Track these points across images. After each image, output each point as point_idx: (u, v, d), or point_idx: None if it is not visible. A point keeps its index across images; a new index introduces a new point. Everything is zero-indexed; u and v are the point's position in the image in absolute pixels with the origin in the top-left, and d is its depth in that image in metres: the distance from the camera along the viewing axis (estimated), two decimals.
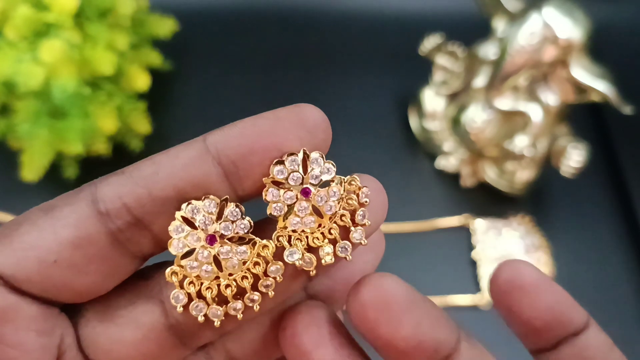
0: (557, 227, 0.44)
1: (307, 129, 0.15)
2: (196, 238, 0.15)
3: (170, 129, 0.45)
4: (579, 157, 0.39)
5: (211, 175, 0.15)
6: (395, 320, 0.15)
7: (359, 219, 0.16)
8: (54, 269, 0.14)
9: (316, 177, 0.15)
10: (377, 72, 0.50)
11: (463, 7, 0.51)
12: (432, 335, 0.15)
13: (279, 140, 0.15)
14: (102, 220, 0.14)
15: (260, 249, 0.15)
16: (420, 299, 0.15)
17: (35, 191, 0.40)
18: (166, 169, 0.15)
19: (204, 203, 0.15)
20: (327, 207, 0.15)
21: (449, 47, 0.44)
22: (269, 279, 0.15)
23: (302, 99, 0.53)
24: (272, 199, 0.15)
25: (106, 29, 0.37)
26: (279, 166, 0.15)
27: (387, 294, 0.15)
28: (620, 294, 0.41)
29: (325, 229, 0.16)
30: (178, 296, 0.15)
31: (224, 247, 0.15)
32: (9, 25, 0.34)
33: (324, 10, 0.52)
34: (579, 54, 0.37)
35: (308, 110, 0.15)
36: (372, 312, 0.15)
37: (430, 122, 0.45)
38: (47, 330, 0.15)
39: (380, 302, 0.15)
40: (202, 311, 0.15)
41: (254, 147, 0.15)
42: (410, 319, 0.15)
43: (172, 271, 0.15)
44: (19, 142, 0.38)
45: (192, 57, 0.49)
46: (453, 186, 0.45)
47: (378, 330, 0.15)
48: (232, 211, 0.15)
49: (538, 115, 0.40)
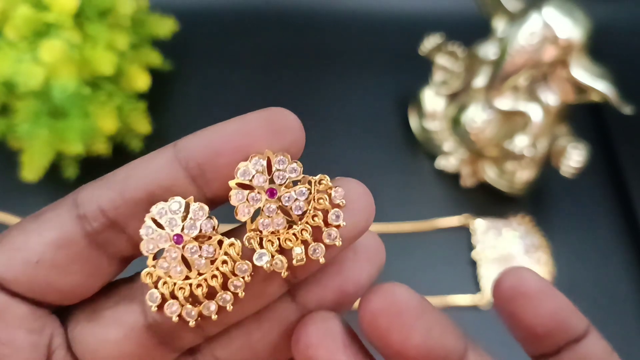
0: (557, 227, 0.44)
1: (275, 131, 0.15)
2: (164, 238, 0.15)
3: (170, 129, 0.45)
4: (579, 157, 0.39)
5: (179, 179, 0.15)
6: (406, 328, 0.15)
7: (332, 219, 0.15)
8: (38, 269, 0.15)
9: (282, 178, 0.15)
10: (377, 72, 0.50)
11: (463, 7, 0.51)
12: (441, 343, 0.15)
13: (245, 142, 0.15)
14: (81, 223, 0.15)
15: (227, 247, 0.15)
16: (430, 308, 0.16)
17: (35, 191, 0.40)
18: (138, 172, 0.15)
19: (169, 204, 0.15)
20: (295, 207, 0.15)
21: (449, 47, 0.44)
22: (238, 278, 0.16)
23: (302, 99, 0.54)
24: (238, 201, 0.15)
25: (106, 29, 0.37)
26: (242, 168, 0.15)
27: (398, 302, 0.15)
28: (620, 294, 0.41)
29: (297, 230, 0.15)
30: (152, 295, 0.16)
31: (189, 245, 0.15)
32: (9, 25, 0.34)
33: (324, 10, 0.52)
34: (579, 54, 0.37)
35: (277, 112, 0.15)
36: (384, 320, 0.15)
37: (430, 122, 0.45)
38: (37, 329, 0.15)
39: (391, 310, 0.15)
40: (177, 311, 0.16)
41: (220, 150, 0.15)
42: (421, 327, 0.15)
43: (147, 272, 0.16)
44: (19, 142, 0.38)
45: (192, 57, 0.49)
46: (453, 186, 0.45)
47: (389, 338, 0.15)
48: (195, 210, 0.15)
49: (538, 115, 0.40)
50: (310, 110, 0.47)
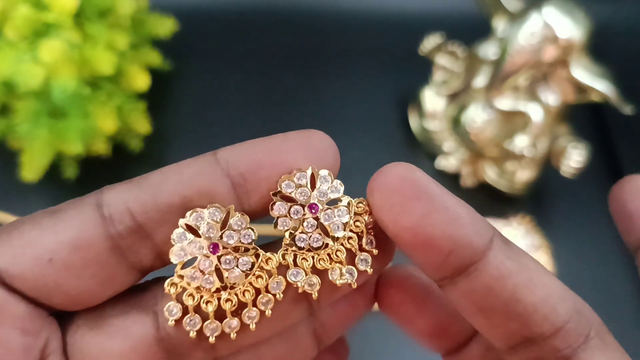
0: (557, 227, 0.44)
1: (316, 151, 0.15)
2: (199, 246, 0.15)
3: (170, 129, 0.45)
4: (579, 157, 0.39)
5: (219, 186, 0.15)
6: (401, 205, 0.14)
7: (367, 244, 0.15)
8: (49, 268, 0.14)
9: (324, 194, 0.15)
10: (377, 72, 0.50)
11: (463, 7, 0.51)
12: (443, 229, 0.14)
13: (288, 158, 0.15)
14: (105, 225, 0.14)
15: (264, 261, 0.15)
16: (440, 192, 0.14)
17: (35, 191, 0.40)
18: (174, 176, 0.15)
19: (209, 211, 0.14)
20: (334, 227, 0.15)
21: (449, 47, 0.44)
22: (268, 295, 0.15)
23: (302, 99, 0.54)
24: (279, 212, 0.15)
25: (106, 29, 0.37)
26: (287, 180, 0.15)
27: (394, 179, 0.14)
28: (620, 294, 0.41)
29: (333, 250, 0.15)
30: (172, 309, 0.15)
31: (226, 256, 0.15)
32: (9, 25, 0.34)
33: (324, 10, 0.52)
34: (579, 54, 0.37)
35: (317, 135, 0.15)
36: (378, 198, 0.14)
37: (430, 122, 0.45)
38: (33, 331, 0.15)
39: (385, 188, 0.14)
40: (196, 326, 0.15)
41: (263, 162, 0.15)
42: (417, 209, 0.13)
43: (171, 282, 0.15)
44: (19, 142, 0.38)
45: (192, 57, 0.49)
46: (453, 186, 0.45)
47: (384, 216, 0.14)
48: (237, 220, 0.15)
49: (538, 115, 0.40)
50: (310, 110, 0.47)
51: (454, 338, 0.18)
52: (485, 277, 0.14)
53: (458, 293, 0.14)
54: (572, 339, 0.14)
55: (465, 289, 0.14)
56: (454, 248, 0.14)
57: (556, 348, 0.14)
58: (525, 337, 0.14)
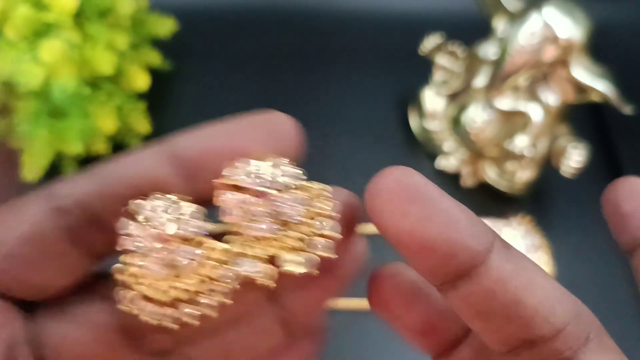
0: (557, 227, 0.44)
1: (273, 134, 0.15)
2: (145, 234, 0.14)
3: (170, 129, 0.44)
4: (579, 157, 0.39)
5: (169, 175, 0.14)
6: (399, 210, 0.13)
7: (327, 229, 0.15)
8: (6, 262, 0.14)
9: (276, 181, 0.14)
10: (377, 72, 0.50)
11: (463, 7, 0.51)
12: (441, 233, 0.13)
13: (240, 143, 0.14)
14: (56, 216, 0.14)
15: (217, 251, 0.14)
16: (439, 196, 0.14)
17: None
18: (123, 166, 0.15)
19: (159, 200, 0.14)
20: (291, 214, 0.14)
21: (449, 47, 0.44)
22: (220, 283, 0.14)
23: (302, 99, 0.54)
24: (225, 202, 0.14)
25: (106, 29, 0.37)
26: (234, 167, 0.14)
27: (392, 183, 0.13)
28: (620, 294, 0.41)
29: (290, 238, 0.14)
30: (122, 294, 0.15)
31: (176, 245, 0.14)
32: (9, 25, 0.34)
33: (324, 10, 0.52)
34: (579, 54, 0.37)
35: (275, 116, 0.15)
36: (376, 202, 0.14)
37: (430, 122, 0.45)
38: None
39: (383, 192, 0.13)
40: (151, 312, 0.15)
41: (213, 149, 0.14)
42: (415, 212, 0.13)
43: (119, 269, 0.15)
44: (19, 142, 0.38)
45: (192, 57, 0.49)
46: (453, 186, 0.45)
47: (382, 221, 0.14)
48: (188, 209, 0.14)
49: (538, 115, 0.40)
50: (310, 110, 0.47)
51: (443, 338, 0.17)
52: (486, 280, 0.14)
53: (459, 297, 0.14)
54: (573, 341, 0.14)
55: (466, 292, 0.14)
56: (454, 251, 0.13)
57: (557, 350, 0.14)
58: (525, 340, 0.14)
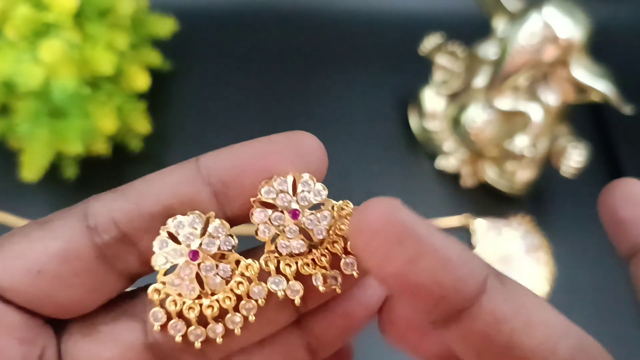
0: (557, 227, 0.44)
1: (301, 154, 0.15)
2: (179, 253, 0.15)
3: (170, 129, 0.45)
4: (579, 157, 0.39)
5: (200, 194, 0.15)
6: (384, 251, 0.12)
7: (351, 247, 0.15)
8: (39, 280, 0.14)
9: (306, 199, 0.15)
10: (377, 72, 0.50)
11: (463, 7, 0.51)
12: (429, 274, 0.12)
13: (270, 163, 0.15)
14: (90, 235, 0.14)
15: (244, 268, 0.15)
16: (427, 231, 0.13)
17: (35, 191, 0.40)
18: (156, 185, 0.15)
19: (189, 218, 0.15)
20: (317, 231, 0.15)
21: (449, 47, 0.44)
22: (251, 301, 0.15)
23: (302, 99, 0.53)
24: (259, 219, 0.15)
25: (106, 29, 0.37)
26: (267, 187, 0.15)
27: (377, 221, 0.12)
28: (620, 294, 0.41)
29: (316, 255, 0.15)
30: (157, 314, 0.15)
31: (206, 263, 0.15)
32: (9, 25, 0.34)
33: (324, 10, 0.52)
34: (579, 54, 0.37)
35: (303, 136, 0.15)
36: (359, 241, 0.13)
37: (430, 122, 0.45)
38: (30, 339, 0.15)
39: (367, 230, 0.12)
40: (181, 331, 0.15)
41: (245, 168, 0.15)
42: (402, 254, 0.12)
43: (154, 289, 0.15)
44: (19, 142, 0.38)
45: (192, 57, 0.49)
46: (453, 186, 0.45)
47: (369, 260, 0.13)
48: (216, 227, 0.15)
49: (538, 115, 0.40)
50: (310, 110, 0.47)
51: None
52: (479, 323, 0.13)
53: (451, 336, 0.13)
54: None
55: (458, 333, 0.13)
56: (444, 294, 0.13)
57: None
58: None
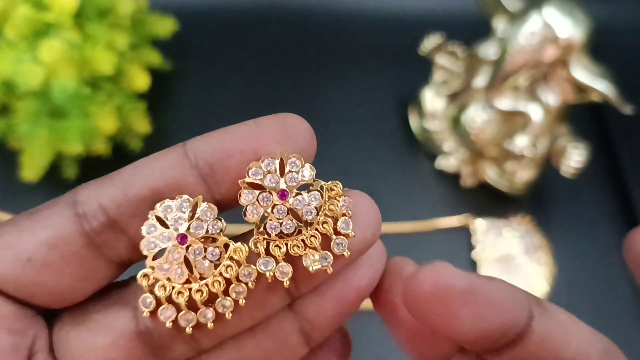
0: (557, 227, 0.44)
1: (288, 135, 0.15)
2: (167, 237, 0.14)
3: (170, 129, 0.45)
4: (579, 157, 0.39)
5: (188, 178, 0.15)
6: (452, 314, 0.14)
7: (342, 227, 0.15)
8: (29, 269, 0.14)
9: (294, 180, 0.15)
10: (377, 72, 0.50)
11: (463, 7, 0.51)
12: (495, 321, 0.14)
13: (257, 144, 0.15)
14: (79, 222, 0.14)
15: (233, 252, 0.15)
16: (480, 287, 0.14)
17: (35, 191, 0.40)
18: (144, 170, 0.15)
19: (177, 202, 0.14)
20: (306, 212, 0.15)
21: (449, 47, 0.44)
22: (240, 284, 0.15)
23: (302, 99, 0.54)
24: (247, 201, 0.15)
25: (106, 29, 0.37)
26: (254, 168, 0.14)
27: (442, 286, 0.14)
28: (620, 294, 0.41)
29: (306, 236, 0.15)
30: (146, 300, 0.15)
31: (194, 246, 0.15)
32: (9, 25, 0.34)
33: (324, 10, 0.52)
34: (579, 54, 0.37)
35: (290, 118, 0.15)
36: (428, 307, 0.14)
37: (430, 122, 0.45)
38: (20, 330, 0.15)
39: (434, 295, 0.14)
40: (171, 317, 0.15)
41: (231, 151, 0.15)
42: (469, 313, 0.14)
43: (143, 274, 0.15)
44: (19, 142, 0.38)
45: (192, 57, 0.49)
46: (453, 186, 0.45)
47: (436, 324, 0.14)
48: (204, 210, 0.15)
49: (538, 115, 0.40)
50: (310, 110, 0.47)
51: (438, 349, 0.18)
52: (530, 346, 0.15)
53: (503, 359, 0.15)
54: None
55: (511, 357, 0.15)
56: (505, 330, 0.14)
57: None
58: None
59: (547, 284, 0.41)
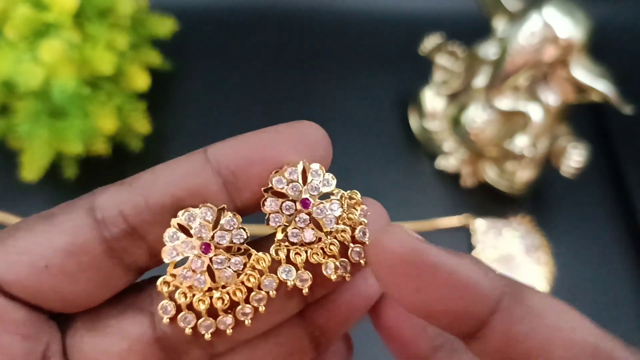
0: (557, 227, 0.44)
1: (307, 144, 0.15)
2: (190, 246, 0.14)
3: (170, 129, 0.45)
4: (579, 157, 0.39)
5: (210, 185, 0.15)
6: (396, 283, 0.13)
7: (359, 236, 0.15)
8: (45, 275, 0.14)
9: (316, 189, 0.15)
10: (377, 72, 0.50)
11: (463, 7, 0.51)
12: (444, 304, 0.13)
13: (278, 152, 0.15)
14: (98, 228, 0.14)
15: (256, 261, 0.15)
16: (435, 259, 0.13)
17: (35, 191, 0.40)
18: (165, 177, 0.14)
19: (201, 210, 0.14)
20: (327, 221, 0.15)
21: (449, 47, 0.44)
22: (261, 292, 0.15)
23: (302, 99, 0.54)
24: (270, 209, 0.15)
25: (106, 29, 0.37)
26: (278, 176, 0.15)
27: (389, 253, 0.13)
28: (620, 294, 0.41)
29: (325, 244, 0.15)
30: (166, 307, 0.15)
31: (218, 256, 0.15)
32: (9, 25, 0.34)
33: (324, 10, 0.52)
34: (579, 54, 0.37)
35: (309, 126, 0.15)
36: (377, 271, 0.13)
37: (430, 122, 0.45)
38: (33, 335, 0.15)
39: (382, 261, 0.13)
40: (191, 323, 0.15)
41: (253, 158, 0.15)
42: (412, 284, 0.13)
43: (163, 280, 0.15)
44: (19, 142, 0.38)
45: (192, 57, 0.49)
46: (453, 186, 0.45)
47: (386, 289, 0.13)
48: (228, 220, 0.15)
49: (538, 115, 0.40)
50: (310, 110, 0.47)
51: None
52: (493, 343, 0.13)
53: (474, 351, 0.14)
54: None
55: (477, 351, 0.14)
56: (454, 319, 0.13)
57: None
58: None
59: (547, 284, 0.41)
